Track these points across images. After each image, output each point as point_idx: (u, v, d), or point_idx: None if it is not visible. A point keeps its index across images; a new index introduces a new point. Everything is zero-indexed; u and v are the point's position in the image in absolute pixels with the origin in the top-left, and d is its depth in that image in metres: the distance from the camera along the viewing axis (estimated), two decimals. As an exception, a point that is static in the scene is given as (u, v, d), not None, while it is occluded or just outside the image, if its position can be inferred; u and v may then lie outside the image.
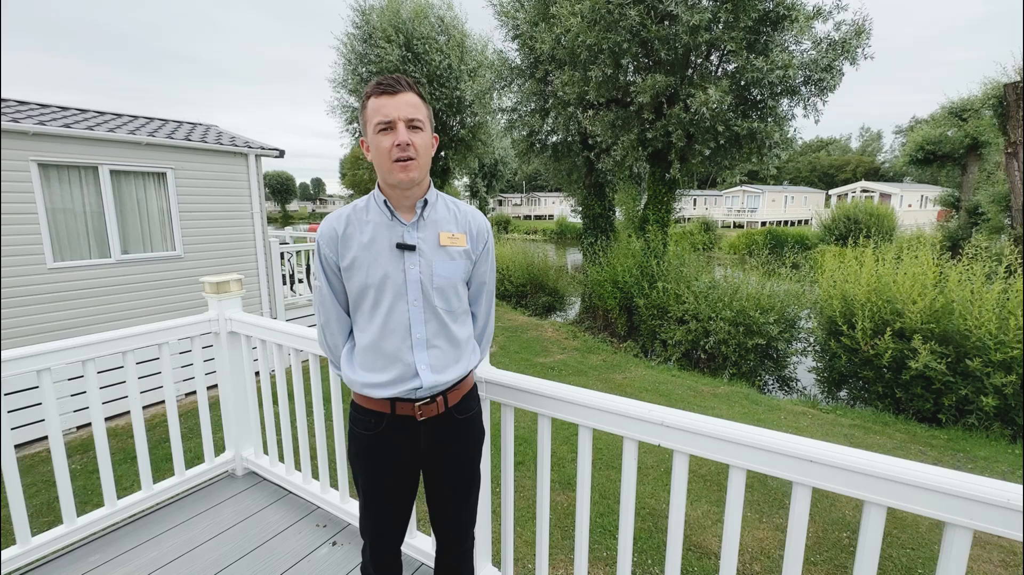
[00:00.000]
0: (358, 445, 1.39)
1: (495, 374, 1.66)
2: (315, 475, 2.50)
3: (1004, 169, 15.05)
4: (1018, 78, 13.74)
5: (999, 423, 5.32)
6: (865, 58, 7.72)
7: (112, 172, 5.51)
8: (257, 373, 2.61)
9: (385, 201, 1.31)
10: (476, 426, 1.49)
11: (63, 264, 5.19)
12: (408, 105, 1.22)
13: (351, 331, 1.41)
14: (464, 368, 1.41)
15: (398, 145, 1.21)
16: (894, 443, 5.20)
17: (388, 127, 1.21)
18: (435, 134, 1.36)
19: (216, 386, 2.69)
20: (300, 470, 2.51)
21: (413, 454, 1.38)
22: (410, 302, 1.30)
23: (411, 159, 1.23)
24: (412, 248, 1.29)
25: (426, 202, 1.33)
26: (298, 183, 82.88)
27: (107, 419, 5.33)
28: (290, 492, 2.56)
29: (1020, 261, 6.36)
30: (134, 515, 2.35)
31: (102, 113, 6.51)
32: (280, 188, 68.26)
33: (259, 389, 2.63)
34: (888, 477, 1.06)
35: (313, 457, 2.77)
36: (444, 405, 1.37)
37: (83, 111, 6.36)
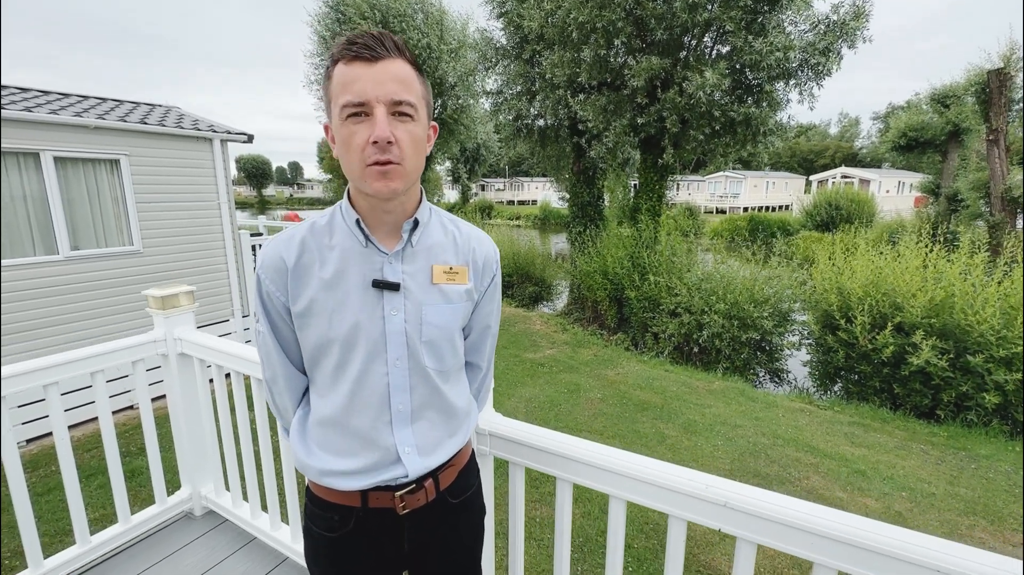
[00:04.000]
0: (316, 548, 1.03)
1: (501, 424, 1.34)
2: (284, 518, 2.16)
3: (985, 156, 15.17)
4: (1001, 65, 13.75)
5: (998, 419, 5.24)
6: (864, 41, 7.47)
7: (57, 159, 4.95)
8: (212, 380, 2.22)
9: (358, 220, 0.92)
10: (475, 507, 1.14)
11: (3, 263, 4.66)
12: (393, 80, 0.82)
13: (306, 390, 1.04)
14: (461, 441, 1.06)
15: (375, 142, 0.80)
16: (895, 441, 5.08)
17: (361, 112, 0.81)
18: (433, 122, 0.96)
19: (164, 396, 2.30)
20: (267, 511, 2.17)
21: (394, 554, 1.03)
22: (390, 362, 0.93)
23: (393, 163, 0.83)
24: (395, 287, 0.92)
25: (416, 223, 0.96)
26: (275, 167, 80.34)
27: (34, 439, 4.80)
28: (256, 538, 2.22)
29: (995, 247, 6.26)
30: (70, 574, 1.99)
31: (46, 92, 5.88)
32: (256, 172, 66.13)
33: (216, 415, 2.27)
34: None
35: (282, 499, 2.43)
36: (435, 490, 1.02)
37: (24, 90, 5.73)
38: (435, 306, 0.96)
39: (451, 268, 0.98)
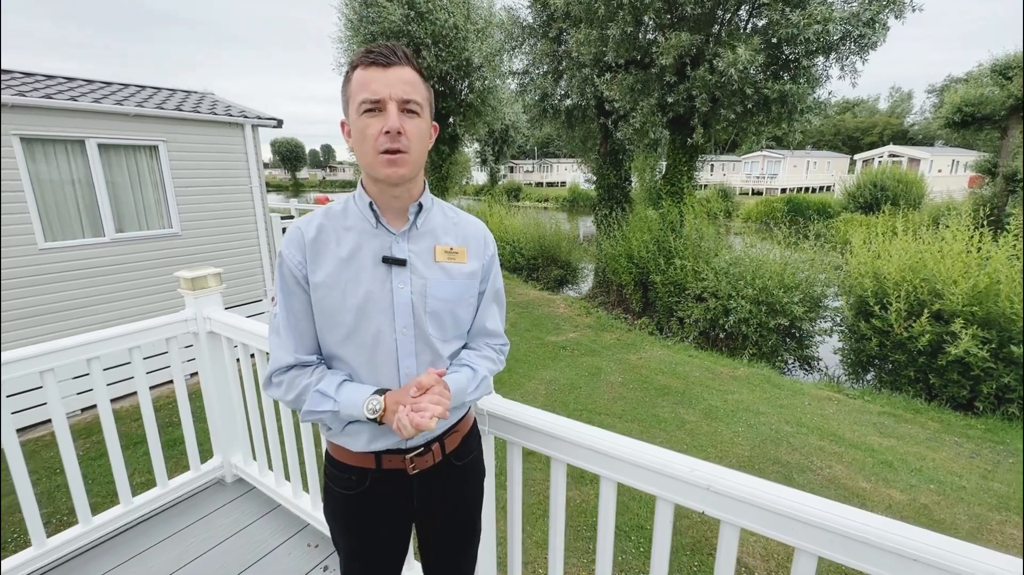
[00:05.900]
0: (335, 505, 1.16)
1: (500, 406, 1.39)
2: (305, 487, 2.30)
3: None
4: (1074, 31, 12.58)
5: (1042, 413, 4.99)
6: (913, 10, 6.97)
7: (100, 146, 5.21)
8: (239, 358, 2.36)
9: (370, 203, 1.04)
10: (477, 470, 1.27)
11: (55, 244, 4.99)
12: (403, 82, 0.96)
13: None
14: (463, 408, 1.18)
15: (386, 132, 0.94)
16: (927, 433, 4.91)
17: (375, 108, 0.95)
18: (435, 122, 1.09)
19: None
20: (290, 481, 2.31)
21: (405, 510, 1.16)
22: (398, 330, 1.04)
23: (401, 152, 0.96)
24: (402, 263, 1.04)
25: (420, 207, 1.08)
26: (307, 150, 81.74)
27: (89, 408, 5.19)
28: (280, 504, 2.37)
29: None
30: (113, 531, 2.18)
31: (90, 82, 6.16)
32: (290, 155, 67.46)
33: (243, 390, 2.41)
34: None
35: (303, 470, 2.57)
36: (441, 452, 1.14)
37: (70, 79, 6.02)
38: (438, 282, 1.07)
39: (452, 249, 1.10)
